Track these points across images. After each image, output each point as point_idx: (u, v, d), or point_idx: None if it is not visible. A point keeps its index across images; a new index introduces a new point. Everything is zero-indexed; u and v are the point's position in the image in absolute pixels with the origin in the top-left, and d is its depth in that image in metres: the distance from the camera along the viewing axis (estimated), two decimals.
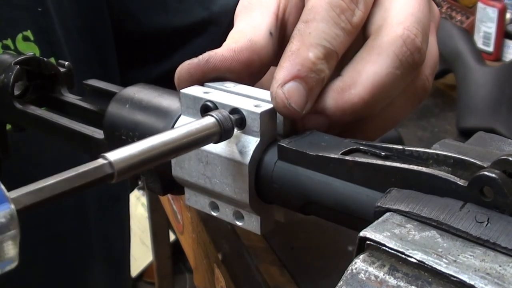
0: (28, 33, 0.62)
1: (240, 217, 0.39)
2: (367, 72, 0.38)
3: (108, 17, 0.72)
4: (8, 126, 0.52)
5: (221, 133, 0.35)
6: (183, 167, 0.39)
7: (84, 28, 0.69)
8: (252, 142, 0.36)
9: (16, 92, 0.48)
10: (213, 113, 0.35)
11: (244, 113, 0.36)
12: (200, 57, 0.39)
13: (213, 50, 0.40)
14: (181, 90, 0.39)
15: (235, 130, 0.37)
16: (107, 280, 0.78)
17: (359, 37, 0.40)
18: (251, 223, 0.39)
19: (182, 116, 0.39)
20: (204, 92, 0.38)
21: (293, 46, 0.38)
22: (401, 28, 0.38)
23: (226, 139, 0.36)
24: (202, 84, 0.40)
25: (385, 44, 0.38)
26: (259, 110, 0.36)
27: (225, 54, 0.39)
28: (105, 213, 0.76)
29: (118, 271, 0.83)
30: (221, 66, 0.39)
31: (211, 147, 0.38)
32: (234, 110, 0.37)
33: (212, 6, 0.75)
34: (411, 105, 0.42)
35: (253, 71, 0.41)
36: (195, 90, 0.39)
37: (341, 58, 0.39)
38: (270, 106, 0.37)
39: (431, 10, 0.42)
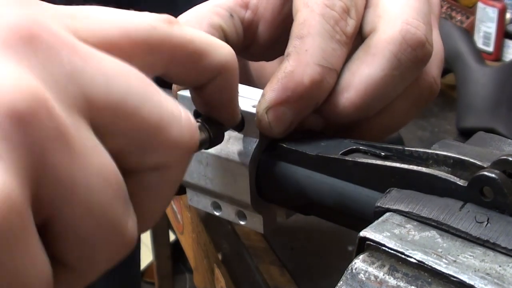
0: None
1: (242, 216, 0.39)
2: (361, 75, 0.36)
3: None
4: None
5: (210, 140, 0.34)
6: None
7: None
8: (251, 143, 0.36)
9: None
10: (201, 120, 0.34)
11: (242, 114, 0.36)
12: None
13: None
14: (178, 92, 0.39)
15: (234, 130, 0.37)
16: (112, 277, 0.78)
17: (356, 40, 0.38)
18: (253, 222, 0.39)
19: None
20: None
21: (288, 66, 0.35)
22: (399, 23, 0.36)
23: (217, 145, 0.35)
24: None
25: (382, 43, 0.36)
26: None
27: None
28: None
29: (121, 277, 0.82)
30: None
31: (210, 149, 0.37)
32: None
33: None
34: (415, 108, 0.40)
35: None
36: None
37: None
38: None
39: (429, 1, 0.39)
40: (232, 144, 0.37)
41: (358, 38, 0.38)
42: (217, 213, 0.41)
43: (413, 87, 0.38)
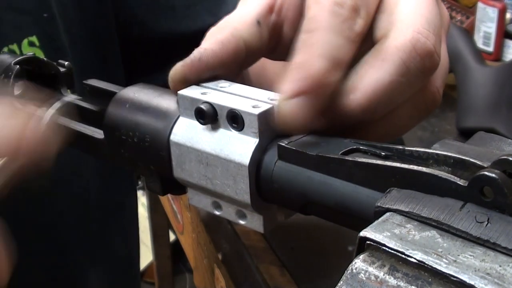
0: (34, 39, 0.62)
1: (243, 216, 0.39)
2: (369, 78, 0.36)
3: (114, 24, 0.71)
4: None
5: None
6: (184, 169, 0.39)
7: (89, 35, 0.69)
8: (251, 143, 0.36)
9: (16, 92, 0.48)
10: None
11: (242, 114, 0.36)
12: (192, 56, 0.39)
13: (200, 47, 0.39)
14: (178, 92, 0.39)
15: (234, 131, 0.37)
16: (112, 277, 0.78)
17: (367, 44, 0.39)
18: (254, 222, 0.39)
19: (180, 118, 0.39)
20: (202, 93, 0.38)
21: (299, 57, 0.36)
22: (410, 31, 0.36)
23: None
24: (197, 84, 0.40)
25: (392, 49, 0.36)
26: (257, 111, 0.36)
27: (215, 48, 0.39)
28: (108, 220, 0.76)
29: (121, 277, 0.82)
30: (214, 62, 0.39)
31: (210, 148, 0.38)
32: (232, 111, 0.37)
33: (220, 13, 0.74)
34: (418, 116, 0.40)
35: (239, 60, 0.40)
36: (192, 92, 0.39)
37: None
38: (267, 106, 0.37)
39: (441, 14, 0.40)
40: (232, 144, 0.37)
41: (369, 43, 0.39)
42: (217, 213, 0.41)
43: (417, 96, 0.39)
